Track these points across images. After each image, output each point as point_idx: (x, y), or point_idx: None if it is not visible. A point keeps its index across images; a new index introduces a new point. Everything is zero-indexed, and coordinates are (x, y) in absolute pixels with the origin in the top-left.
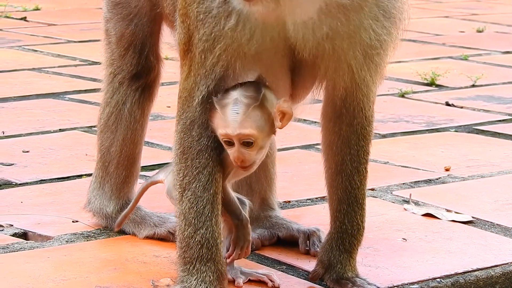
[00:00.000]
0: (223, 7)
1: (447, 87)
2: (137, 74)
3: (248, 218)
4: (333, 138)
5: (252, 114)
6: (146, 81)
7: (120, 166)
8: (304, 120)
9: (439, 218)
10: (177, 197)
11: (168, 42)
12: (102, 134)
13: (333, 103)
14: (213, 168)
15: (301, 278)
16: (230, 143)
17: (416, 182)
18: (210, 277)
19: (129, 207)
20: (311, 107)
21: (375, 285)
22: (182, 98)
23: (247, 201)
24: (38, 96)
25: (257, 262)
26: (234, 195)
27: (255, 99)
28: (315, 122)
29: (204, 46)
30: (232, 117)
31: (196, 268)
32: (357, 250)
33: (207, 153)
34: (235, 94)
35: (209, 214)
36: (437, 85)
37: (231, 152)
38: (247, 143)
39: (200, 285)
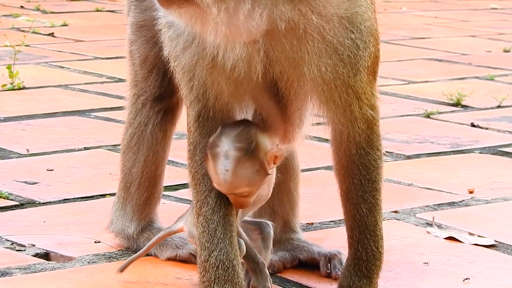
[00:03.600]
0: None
1: (473, 107)
2: (160, 96)
3: (264, 262)
4: (337, 166)
5: (242, 169)
6: (168, 103)
7: (142, 187)
8: (328, 140)
9: (462, 242)
10: (195, 224)
11: None
12: (125, 154)
13: (330, 130)
14: None
15: None
16: None
17: (440, 205)
18: None
19: (138, 253)
20: None
21: None
22: (187, 126)
23: (270, 223)
24: (64, 113)
25: (279, 285)
26: (246, 237)
27: (246, 151)
28: None
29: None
30: (222, 175)
31: None
32: (377, 274)
33: None
34: (225, 145)
35: (221, 236)
36: (463, 106)
37: (230, 198)
38: (241, 194)
39: None
